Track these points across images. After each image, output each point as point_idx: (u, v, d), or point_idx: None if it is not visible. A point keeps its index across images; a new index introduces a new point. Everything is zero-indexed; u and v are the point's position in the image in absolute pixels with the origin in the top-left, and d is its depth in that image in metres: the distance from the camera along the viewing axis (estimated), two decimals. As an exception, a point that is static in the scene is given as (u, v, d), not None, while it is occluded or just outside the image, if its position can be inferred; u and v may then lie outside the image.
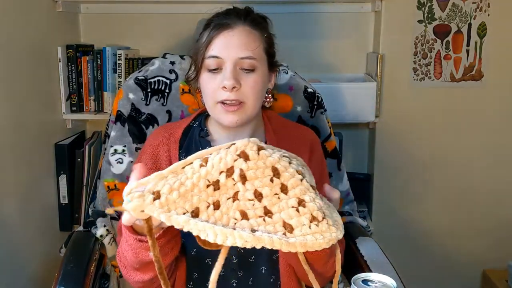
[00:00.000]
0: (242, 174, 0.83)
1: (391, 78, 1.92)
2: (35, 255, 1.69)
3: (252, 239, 0.77)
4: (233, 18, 1.12)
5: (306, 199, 0.82)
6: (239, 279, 1.11)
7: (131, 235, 0.91)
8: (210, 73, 1.10)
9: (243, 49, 1.08)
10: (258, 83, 1.10)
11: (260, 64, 1.10)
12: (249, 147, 0.85)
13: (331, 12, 1.99)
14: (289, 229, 0.80)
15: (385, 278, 0.81)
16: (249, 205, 0.81)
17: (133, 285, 1.07)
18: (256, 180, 0.83)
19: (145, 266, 0.97)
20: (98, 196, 1.42)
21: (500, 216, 2.05)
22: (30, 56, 1.66)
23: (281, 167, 0.85)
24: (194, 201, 0.80)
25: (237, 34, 1.09)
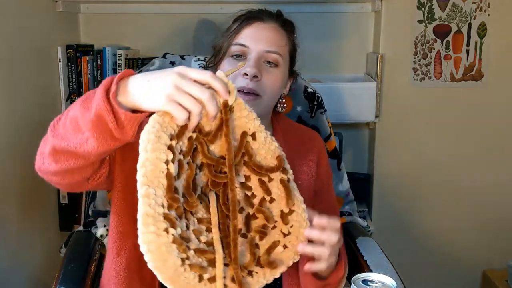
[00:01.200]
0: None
1: (391, 78, 1.92)
2: (35, 255, 1.69)
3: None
4: (266, 15, 1.12)
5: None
6: None
7: (110, 106, 0.77)
8: (233, 59, 1.09)
9: (271, 43, 1.08)
10: (278, 80, 1.09)
11: (283, 63, 1.10)
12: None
13: (331, 12, 1.99)
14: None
15: (385, 278, 0.81)
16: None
17: (43, 161, 0.96)
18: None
19: (72, 127, 0.84)
20: (98, 196, 1.42)
21: (500, 216, 2.05)
22: (30, 56, 1.66)
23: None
24: None
25: (268, 28, 1.10)
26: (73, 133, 0.84)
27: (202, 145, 0.84)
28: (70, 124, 0.84)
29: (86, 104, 0.81)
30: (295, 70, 1.21)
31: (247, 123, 0.88)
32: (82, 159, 0.86)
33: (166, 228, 0.74)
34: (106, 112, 0.77)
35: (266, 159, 0.90)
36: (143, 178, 0.75)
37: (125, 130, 0.78)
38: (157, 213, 0.74)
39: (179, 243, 0.75)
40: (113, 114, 0.77)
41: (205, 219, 0.83)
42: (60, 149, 0.87)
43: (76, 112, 0.83)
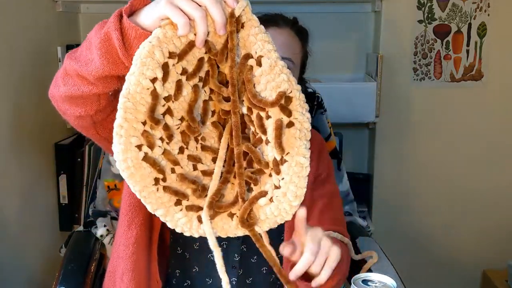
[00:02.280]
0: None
1: (391, 78, 1.92)
2: (35, 255, 1.69)
3: None
4: (282, 21, 1.12)
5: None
6: (238, 277, 1.11)
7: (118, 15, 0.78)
8: None
9: (285, 50, 1.07)
10: None
11: (295, 70, 1.10)
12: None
13: (331, 12, 1.99)
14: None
15: (385, 278, 0.81)
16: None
17: (57, 97, 0.91)
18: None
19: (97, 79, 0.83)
20: (98, 196, 1.42)
21: (500, 216, 2.05)
22: (30, 56, 1.66)
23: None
24: None
25: (283, 34, 1.10)
26: (85, 53, 0.82)
27: (212, 67, 0.78)
28: (85, 44, 0.84)
29: (103, 25, 0.81)
30: (304, 78, 1.21)
31: (255, 44, 0.77)
32: (87, 84, 0.83)
33: (139, 145, 0.73)
34: (113, 29, 0.75)
35: (266, 91, 0.78)
36: (125, 91, 0.73)
37: (131, 51, 0.75)
38: (133, 127, 0.73)
39: (151, 162, 0.74)
40: (121, 31, 0.75)
41: (212, 149, 0.80)
42: (69, 70, 0.85)
43: (91, 34, 0.83)
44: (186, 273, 1.12)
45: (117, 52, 0.76)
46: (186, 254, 1.11)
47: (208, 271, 1.11)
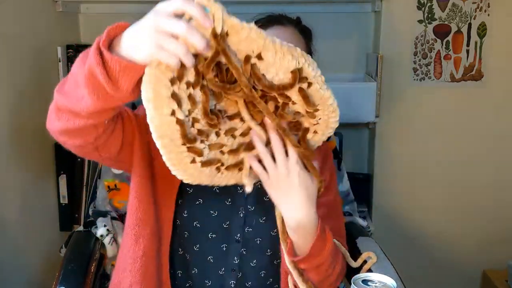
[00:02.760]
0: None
1: (391, 78, 1.92)
2: (35, 255, 1.69)
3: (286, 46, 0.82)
4: (286, 20, 1.13)
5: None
6: (237, 280, 1.11)
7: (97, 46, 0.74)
8: None
9: None
10: None
11: None
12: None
13: (331, 12, 1.99)
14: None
15: (385, 278, 0.81)
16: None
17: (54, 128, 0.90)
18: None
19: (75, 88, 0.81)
20: (98, 196, 1.42)
21: (500, 216, 2.05)
22: (30, 56, 1.66)
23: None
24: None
25: (288, 32, 1.11)
26: (73, 89, 0.81)
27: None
28: (71, 80, 0.82)
29: (84, 58, 0.78)
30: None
31: (250, 44, 0.78)
32: (81, 119, 0.83)
33: (192, 160, 0.84)
34: (95, 64, 0.73)
35: (278, 76, 0.83)
36: (156, 133, 0.78)
37: (119, 84, 0.74)
38: (179, 153, 0.82)
39: (209, 163, 0.87)
40: (104, 66, 0.73)
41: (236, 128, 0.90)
42: (61, 106, 0.84)
43: (75, 68, 0.80)
44: (187, 274, 1.12)
45: (104, 88, 0.75)
46: (186, 255, 1.11)
47: (207, 273, 1.11)
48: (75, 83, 0.80)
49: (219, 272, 1.11)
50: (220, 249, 1.10)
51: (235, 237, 1.10)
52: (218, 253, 1.10)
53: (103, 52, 0.73)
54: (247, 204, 1.10)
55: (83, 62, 0.77)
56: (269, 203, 0.99)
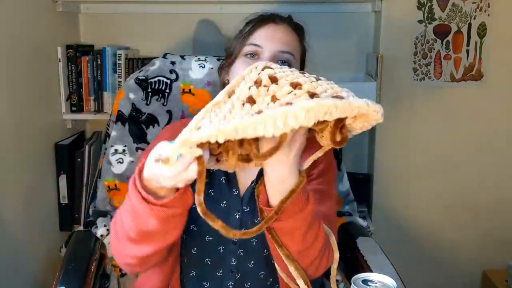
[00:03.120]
0: (272, 76, 0.81)
1: (391, 78, 1.92)
2: (35, 255, 1.69)
3: (313, 105, 0.70)
4: (278, 18, 1.14)
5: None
6: (236, 282, 1.11)
7: (138, 193, 0.86)
8: (247, 58, 1.09)
9: (284, 43, 1.09)
10: None
11: (295, 64, 1.11)
12: (269, 63, 0.86)
13: (331, 12, 1.99)
14: (339, 97, 0.77)
15: (385, 278, 0.81)
16: (290, 97, 0.77)
17: (121, 261, 1.00)
18: (288, 76, 0.81)
19: (142, 237, 0.92)
20: (98, 196, 1.42)
21: (500, 216, 2.05)
22: (30, 56, 1.66)
23: (307, 74, 0.85)
24: (234, 115, 0.77)
25: (281, 29, 1.11)
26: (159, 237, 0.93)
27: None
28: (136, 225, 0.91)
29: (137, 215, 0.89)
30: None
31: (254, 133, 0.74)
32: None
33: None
34: (152, 215, 0.86)
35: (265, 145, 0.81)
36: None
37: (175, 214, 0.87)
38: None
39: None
40: (156, 215, 0.86)
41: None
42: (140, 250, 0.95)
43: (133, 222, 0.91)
44: (185, 276, 1.13)
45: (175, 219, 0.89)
46: (184, 259, 1.12)
47: (205, 275, 1.11)
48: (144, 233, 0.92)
49: (217, 274, 1.11)
50: (217, 251, 1.10)
51: (231, 239, 1.10)
52: (216, 255, 1.10)
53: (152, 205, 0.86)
54: (242, 205, 1.10)
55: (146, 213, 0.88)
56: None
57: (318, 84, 0.80)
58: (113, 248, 1.02)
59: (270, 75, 0.81)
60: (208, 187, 1.11)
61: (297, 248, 0.95)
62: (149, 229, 0.90)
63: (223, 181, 1.12)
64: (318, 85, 0.80)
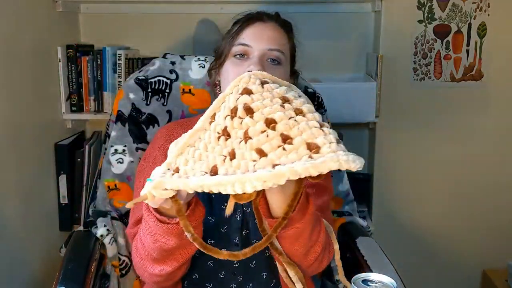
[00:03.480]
0: (247, 107, 0.77)
1: (391, 78, 1.92)
2: (35, 255, 1.69)
3: (270, 176, 0.69)
4: (266, 16, 1.13)
5: (326, 124, 0.75)
6: (238, 283, 1.11)
7: (153, 216, 0.90)
8: (236, 59, 1.09)
9: (273, 41, 1.09)
10: (282, 77, 1.08)
11: (285, 61, 1.11)
12: (251, 82, 0.81)
13: (331, 12, 1.99)
14: (315, 149, 0.71)
15: (385, 278, 0.81)
16: (262, 139, 0.74)
17: (149, 280, 1.05)
18: (265, 108, 0.76)
19: (164, 256, 0.97)
20: (98, 196, 1.42)
21: (500, 216, 2.05)
22: (30, 56, 1.66)
23: (291, 95, 0.79)
24: (209, 160, 0.77)
25: (269, 27, 1.11)
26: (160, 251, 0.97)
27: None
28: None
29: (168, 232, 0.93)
30: (296, 70, 1.22)
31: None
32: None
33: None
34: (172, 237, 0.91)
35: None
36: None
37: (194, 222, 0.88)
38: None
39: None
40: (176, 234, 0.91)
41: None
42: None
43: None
44: (188, 279, 1.13)
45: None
46: None
47: (208, 277, 1.11)
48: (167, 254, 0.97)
49: (220, 276, 1.11)
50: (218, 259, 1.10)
51: (233, 241, 1.10)
52: (218, 258, 1.10)
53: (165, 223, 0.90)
54: (243, 206, 1.10)
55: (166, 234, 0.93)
56: None
57: (296, 124, 0.75)
58: (138, 269, 1.06)
59: (245, 105, 0.77)
60: None
61: (303, 250, 0.97)
62: (169, 247, 0.94)
63: None
64: (294, 125, 0.74)
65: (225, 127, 0.78)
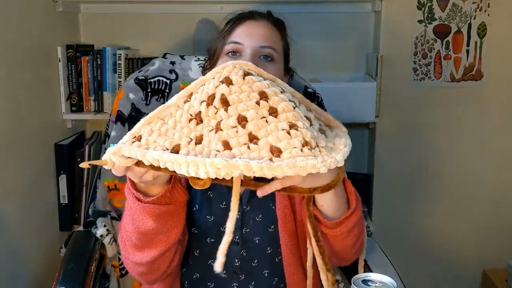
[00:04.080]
0: (223, 98, 0.78)
1: (391, 78, 1.92)
2: (35, 255, 1.69)
3: (224, 165, 0.70)
4: (256, 15, 1.14)
5: (299, 124, 0.76)
6: (240, 282, 1.11)
7: (132, 194, 0.90)
8: (228, 57, 1.09)
9: (264, 39, 1.08)
10: (275, 74, 1.08)
11: (278, 58, 1.10)
12: (233, 72, 0.81)
13: (331, 12, 1.99)
14: (277, 153, 0.74)
15: (385, 278, 0.81)
16: (232, 134, 0.76)
17: (133, 272, 1.04)
18: (240, 103, 0.77)
19: (143, 241, 0.96)
20: (98, 196, 1.42)
21: (500, 216, 2.05)
22: (30, 56, 1.66)
23: (271, 91, 0.79)
24: (175, 138, 0.78)
25: (260, 25, 1.11)
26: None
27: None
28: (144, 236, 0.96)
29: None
30: (290, 68, 1.21)
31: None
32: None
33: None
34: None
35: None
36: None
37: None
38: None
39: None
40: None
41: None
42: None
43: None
44: (189, 278, 1.13)
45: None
46: (189, 260, 1.12)
47: (209, 276, 1.11)
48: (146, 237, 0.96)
49: (221, 275, 1.11)
50: None
51: (233, 239, 1.10)
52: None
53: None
54: (242, 205, 1.10)
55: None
56: (263, 200, 0.98)
57: (265, 124, 0.77)
58: (124, 260, 1.05)
59: (222, 96, 0.78)
60: (206, 189, 1.11)
61: (354, 240, 1.00)
62: (146, 229, 0.92)
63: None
64: (263, 126, 0.76)
65: (199, 112, 0.79)
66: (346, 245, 1.00)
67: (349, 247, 1.01)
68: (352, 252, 1.05)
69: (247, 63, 0.86)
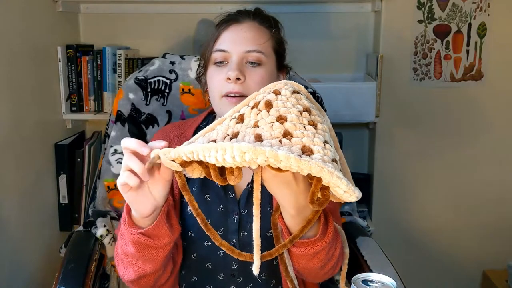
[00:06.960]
0: (268, 102, 0.79)
1: (391, 78, 1.92)
2: (35, 255, 1.69)
3: (249, 148, 0.69)
4: (242, 16, 1.12)
5: (330, 143, 0.77)
6: (237, 285, 1.11)
7: (124, 216, 0.92)
8: (216, 66, 1.08)
9: (250, 43, 1.07)
10: (264, 78, 1.07)
11: (267, 60, 1.08)
12: (284, 88, 0.82)
13: (331, 12, 1.99)
14: (308, 152, 0.73)
15: (385, 278, 0.81)
16: (266, 128, 0.76)
17: (127, 279, 1.04)
18: (283, 108, 0.78)
19: (126, 260, 0.98)
20: (98, 196, 1.42)
21: (500, 216, 2.05)
22: (30, 56, 1.66)
23: (314, 112, 0.81)
24: (212, 135, 0.79)
25: (245, 28, 1.09)
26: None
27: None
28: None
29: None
30: (286, 64, 1.19)
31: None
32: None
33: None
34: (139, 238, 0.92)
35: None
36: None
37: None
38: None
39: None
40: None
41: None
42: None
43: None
44: (187, 282, 1.13)
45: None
46: (187, 263, 1.12)
47: (207, 279, 1.11)
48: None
49: (219, 278, 1.11)
50: (217, 255, 1.10)
51: (231, 243, 1.09)
52: (216, 260, 1.10)
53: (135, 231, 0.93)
54: (239, 208, 1.10)
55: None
56: (261, 203, 0.98)
57: (303, 129, 0.77)
58: (121, 277, 1.06)
59: (267, 100, 0.80)
60: (203, 192, 1.10)
61: (320, 264, 0.98)
62: (128, 251, 0.95)
63: (218, 185, 1.10)
64: (300, 129, 0.76)
65: (242, 114, 0.80)
66: (311, 267, 0.98)
67: (315, 269, 0.99)
68: (320, 274, 1.02)
69: (298, 85, 0.86)
